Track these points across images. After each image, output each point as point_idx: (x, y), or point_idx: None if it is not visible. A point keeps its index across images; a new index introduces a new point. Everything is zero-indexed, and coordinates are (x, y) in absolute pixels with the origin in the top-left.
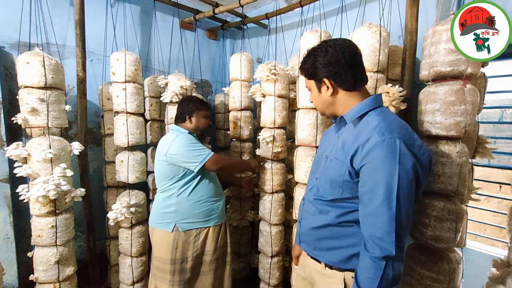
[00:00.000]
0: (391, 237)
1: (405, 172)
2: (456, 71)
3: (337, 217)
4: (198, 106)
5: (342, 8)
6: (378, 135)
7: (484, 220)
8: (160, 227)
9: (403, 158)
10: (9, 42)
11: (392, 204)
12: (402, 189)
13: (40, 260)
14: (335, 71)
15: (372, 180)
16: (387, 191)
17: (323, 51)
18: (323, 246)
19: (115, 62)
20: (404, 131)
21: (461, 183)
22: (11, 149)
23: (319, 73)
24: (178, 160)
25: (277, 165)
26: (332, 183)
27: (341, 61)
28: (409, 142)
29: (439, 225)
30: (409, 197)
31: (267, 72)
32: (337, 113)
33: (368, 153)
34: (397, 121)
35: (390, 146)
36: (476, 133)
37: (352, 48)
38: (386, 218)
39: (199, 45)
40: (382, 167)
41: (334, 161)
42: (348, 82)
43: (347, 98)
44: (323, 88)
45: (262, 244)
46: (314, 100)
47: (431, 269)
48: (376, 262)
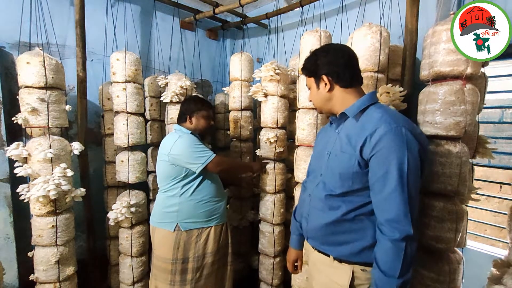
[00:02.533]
0: (407, 218)
1: (413, 157)
2: (456, 71)
3: (348, 212)
4: (199, 107)
5: (342, 8)
6: (385, 125)
7: (484, 220)
8: (161, 226)
9: (410, 144)
10: (9, 42)
11: (405, 188)
12: (412, 173)
13: (41, 260)
14: (334, 69)
15: (384, 167)
16: (399, 176)
17: (325, 51)
18: (333, 241)
19: (115, 62)
20: (406, 121)
21: (461, 183)
22: (11, 149)
23: (319, 70)
24: (180, 160)
25: (280, 165)
26: (341, 176)
27: (340, 61)
28: (413, 130)
29: (439, 225)
30: (416, 180)
31: (271, 72)
32: (333, 110)
33: (377, 142)
34: (397, 113)
35: (398, 133)
36: (476, 133)
37: (350, 53)
38: (401, 201)
39: (199, 45)
40: (393, 154)
41: (341, 155)
42: (344, 80)
43: (344, 94)
44: (321, 84)
45: (264, 245)
46: (313, 97)
47: (431, 270)
48: (397, 244)
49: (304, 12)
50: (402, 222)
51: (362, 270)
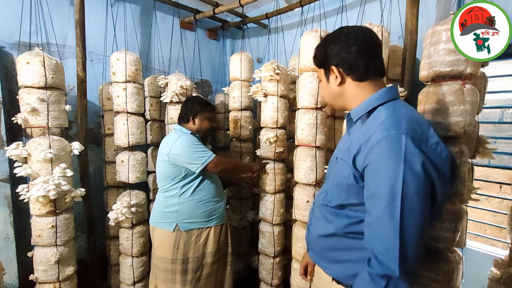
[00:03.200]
0: (393, 253)
1: (413, 173)
2: (455, 71)
3: (344, 227)
4: (203, 108)
5: (342, 8)
6: (381, 131)
7: (484, 220)
8: (161, 226)
9: (409, 157)
10: (9, 42)
11: (395, 212)
12: (408, 195)
13: (40, 260)
14: (344, 58)
15: (375, 183)
16: (389, 196)
17: (335, 38)
18: (329, 257)
19: (115, 62)
20: (416, 126)
21: (461, 183)
22: (11, 149)
23: (329, 60)
24: (180, 160)
25: (279, 165)
26: (338, 187)
27: (353, 48)
28: (420, 138)
29: (438, 225)
30: (418, 204)
31: (271, 72)
32: (347, 107)
33: (369, 152)
34: (408, 115)
35: (394, 142)
36: (476, 133)
37: (368, 36)
38: (390, 230)
39: (199, 45)
40: (384, 168)
41: (340, 162)
42: (357, 71)
43: (357, 89)
44: (331, 77)
45: (264, 245)
46: (323, 91)
47: (430, 269)
48: (375, 280)
49: (304, 12)
50: (385, 256)
51: None
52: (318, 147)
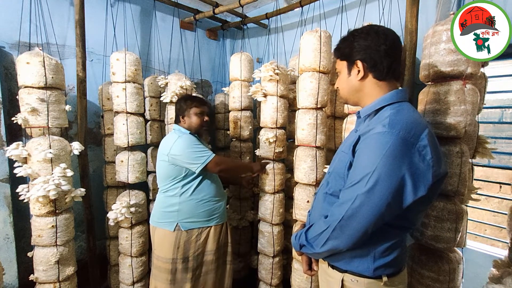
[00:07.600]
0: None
1: (392, 172)
2: (456, 71)
3: None
4: (188, 104)
5: (342, 8)
6: (379, 127)
7: (484, 220)
8: (161, 226)
9: (390, 153)
10: (9, 42)
11: (360, 191)
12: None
13: (40, 260)
14: (371, 55)
15: (354, 168)
16: (359, 181)
17: (364, 33)
18: None
19: (115, 62)
20: (410, 128)
21: (461, 183)
22: (11, 149)
23: (354, 54)
24: (180, 160)
25: (279, 165)
26: (337, 175)
27: (381, 47)
28: (410, 140)
29: (439, 225)
30: (384, 198)
31: (271, 72)
32: (360, 103)
33: (362, 141)
34: (408, 118)
35: (383, 138)
36: (476, 133)
37: (396, 39)
38: (347, 198)
39: (199, 45)
40: (365, 157)
41: (341, 154)
42: (380, 70)
43: (374, 87)
44: (353, 71)
45: (264, 245)
46: (340, 84)
47: (431, 269)
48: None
49: (304, 12)
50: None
51: (352, 280)
52: (318, 147)
